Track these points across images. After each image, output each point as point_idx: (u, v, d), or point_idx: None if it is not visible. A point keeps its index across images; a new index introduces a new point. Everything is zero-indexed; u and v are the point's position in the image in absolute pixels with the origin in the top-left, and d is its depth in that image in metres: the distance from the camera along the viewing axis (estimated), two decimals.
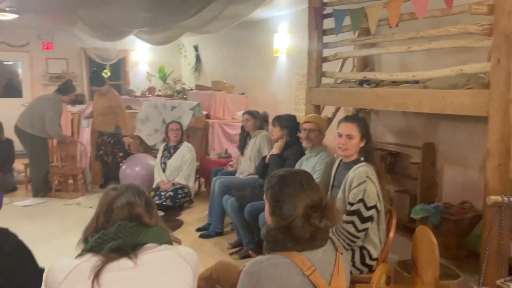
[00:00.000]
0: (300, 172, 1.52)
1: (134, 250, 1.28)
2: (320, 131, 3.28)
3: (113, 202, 1.38)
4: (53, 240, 3.83)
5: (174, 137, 4.88)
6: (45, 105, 5.32)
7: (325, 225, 1.37)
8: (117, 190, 1.43)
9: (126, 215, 1.35)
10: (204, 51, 8.79)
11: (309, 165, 3.21)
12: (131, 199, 1.39)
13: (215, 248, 3.76)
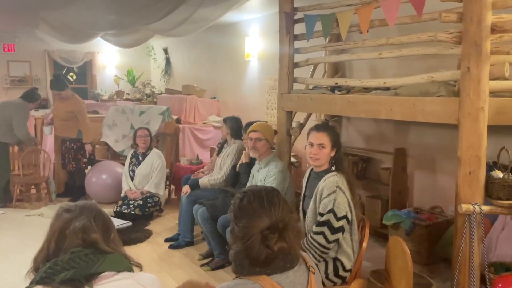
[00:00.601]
0: (265, 188, 1.42)
1: (89, 280, 1.17)
2: (267, 140, 3.26)
3: (66, 227, 1.26)
4: (12, 255, 3.61)
5: (142, 143, 4.73)
6: (11, 112, 5.16)
7: (279, 248, 1.28)
8: (71, 213, 1.30)
9: (80, 242, 1.23)
10: (174, 54, 8.63)
11: (260, 177, 3.21)
12: (86, 224, 1.27)
13: (186, 260, 3.64)
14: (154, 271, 3.34)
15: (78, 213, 1.30)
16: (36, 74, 8.57)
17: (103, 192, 5.14)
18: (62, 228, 1.26)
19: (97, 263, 1.20)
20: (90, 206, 1.35)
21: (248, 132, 3.29)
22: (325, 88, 3.51)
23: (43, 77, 8.62)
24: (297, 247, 1.34)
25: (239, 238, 1.31)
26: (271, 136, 3.31)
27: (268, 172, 3.15)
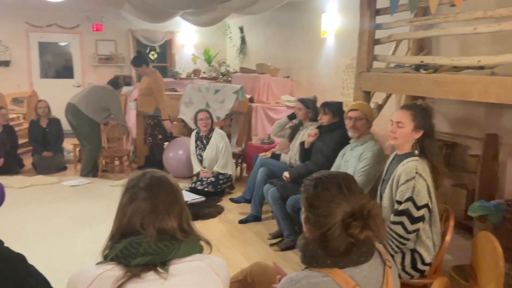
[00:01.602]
0: (340, 174, 1.33)
1: (164, 265, 1.17)
2: (367, 119, 3.04)
3: (140, 211, 1.22)
4: (97, 223, 3.88)
5: (204, 126, 4.78)
6: (109, 99, 5.53)
7: (365, 236, 1.19)
8: (146, 192, 1.24)
9: (156, 229, 1.20)
10: (250, 32, 8.61)
11: (355, 154, 3.00)
12: (162, 211, 1.22)
13: (256, 238, 3.66)
14: (225, 247, 3.41)
15: (153, 195, 1.24)
16: (121, 53, 9.06)
17: (179, 167, 5.34)
18: (135, 209, 1.22)
19: (173, 251, 1.18)
20: (166, 187, 1.29)
21: (347, 111, 3.14)
22: (408, 67, 3.25)
23: (127, 56, 9.09)
24: (382, 236, 1.24)
25: (317, 227, 1.24)
26: (371, 116, 3.09)
27: (365, 149, 2.93)
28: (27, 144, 6.18)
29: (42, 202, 4.50)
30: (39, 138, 5.84)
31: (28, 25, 8.38)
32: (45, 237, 3.54)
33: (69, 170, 5.91)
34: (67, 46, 9.06)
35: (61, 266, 2.96)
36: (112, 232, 1.25)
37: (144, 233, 1.19)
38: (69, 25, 8.66)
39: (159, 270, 1.15)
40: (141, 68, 5.50)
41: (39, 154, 5.73)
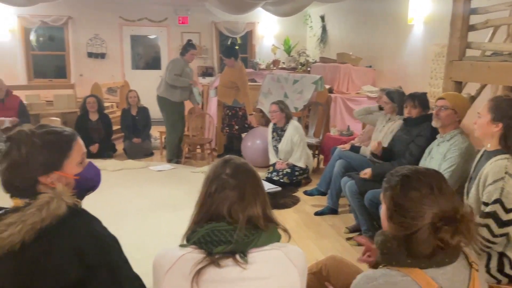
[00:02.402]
0: (431, 172, 1.23)
1: (245, 254, 1.19)
2: (455, 110, 2.77)
3: (231, 203, 1.24)
4: (179, 208, 4.10)
5: (273, 119, 4.79)
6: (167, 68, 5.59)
7: (457, 242, 1.11)
8: (233, 179, 1.26)
9: (240, 216, 1.22)
10: (331, 21, 8.42)
11: (440, 151, 2.78)
12: (247, 199, 1.23)
13: (332, 231, 3.61)
14: (300, 238, 3.42)
15: (240, 183, 1.26)
16: (205, 45, 9.39)
17: (257, 157, 5.43)
18: (224, 198, 1.24)
19: (253, 240, 1.20)
20: (251, 174, 1.29)
21: (436, 100, 2.96)
22: (507, 55, 2.96)
23: (210, 47, 9.41)
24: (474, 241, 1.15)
25: (402, 228, 1.17)
26: (461, 108, 2.78)
27: (452, 146, 2.70)
28: (119, 130, 6.69)
29: (131, 185, 4.86)
30: (129, 126, 6.29)
31: (122, 20, 9.02)
32: (133, 217, 3.82)
33: (156, 156, 6.29)
34: (155, 39, 9.61)
35: (147, 245, 3.18)
36: (198, 217, 1.27)
37: (228, 220, 1.21)
38: (158, 19, 9.15)
39: (238, 259, 1.17)
40: (230, 59, 5.54)
41: (130, 140, 6.17)
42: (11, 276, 1.15)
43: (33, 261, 1.15)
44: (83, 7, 8.59)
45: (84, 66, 8.97)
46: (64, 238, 1.18)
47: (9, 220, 1.13)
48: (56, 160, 1.27)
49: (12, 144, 1.23)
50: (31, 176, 1.23)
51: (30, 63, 8.89)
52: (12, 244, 1.11)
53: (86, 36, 8.91)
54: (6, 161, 1.22)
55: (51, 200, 1.17)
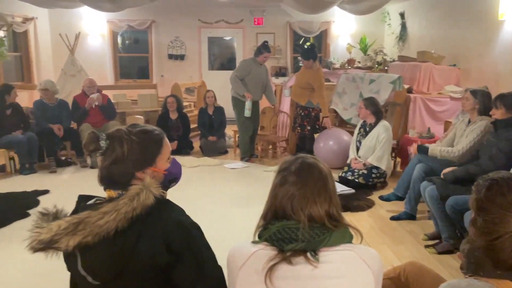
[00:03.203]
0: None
1: (316, 253, 1.19)
2: None
3: (293, 197, 1.24)
4: (252, 205, 4.18)
5: (360, 115, 4.69)
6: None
7: None
8: (299, 177, 1.26)
9: (307, 215, 1.22)
10: (411, 18, 8.05)
11: None
12: (310, 200, 1.23)
13: (409, 237, 3.46)
14: (375, 242, 3.32)
15: (302, 181, 1.26)
16: (279, 45, 9.46)
17: (329, 158, 5.35)
18: (285, 193, 1.25)
19: (324, 240, 1.20)
20: (316, 173, 1.28)
21: None
22: None
23: (284, 47, 9.46)
24: None
25: (484, 234, 1.12)
26: None
27: None
28: (196, 129, 6.98)
29: (207, 181, 5.05)
30: (206, 124, 6.53)
31: (200, 22, 9.39)
32: (208, 212, 3.98)
33: (230, 154, 6.47)
34: (231, 40, 9.87)
35: (222, 240, 3.28)
36: (265, 211, 1.30)
37: (295, 218, 1.22)
38: (234, 20, 9.39)
39: (309, 257, 1.18)
40: (309, 61, 5.53)
41: (206, 138, 6.41)
42: (106, 260, 1.26)
43: (125, 247, 1.25)
44: (165, 11, 9.07)
45: (165, 67, 9.48)
46: (152, 226, 1.27)
47: (104, 209, 1.24)
48: (151, 156, 1.38)
49: (114, 142, 1.34)
50: (130, 171, 1.34)
51: (117, 65, 9.58)
52: (108, 230, 1.22)
53: (167, 39, 9.41)
54: (110, 157, 1.34)
55: (140, 191, 1.27)
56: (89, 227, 1.21)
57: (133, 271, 1.27)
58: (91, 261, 1.27)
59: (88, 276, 1.29)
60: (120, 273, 1.27)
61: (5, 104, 5.29)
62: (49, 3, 6.96)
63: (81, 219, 1.23)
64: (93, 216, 1.23)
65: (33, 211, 4.03)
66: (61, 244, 1.21)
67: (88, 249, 1.24)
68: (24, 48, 8.22)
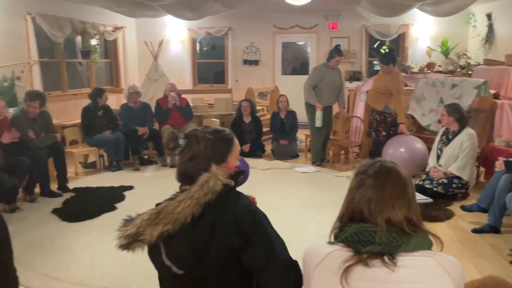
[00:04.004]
0: None
1: (393, 257, 1.18)
2: None
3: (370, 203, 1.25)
4: (323, 207, 4.18)
5: (442, 122, 4.45)
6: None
7: None
8: (377, 180, 1.27)
9: (385, 220, 1.22)
10: (499, 19, 7.50)
11: None
12: (389, 204, 1.23)
13: (491, 251, 3.25)
14: (454, 255, 3.12)
15: (380, 184, 1.26)
16: (353, 49, 9.31)
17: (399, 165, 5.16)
18: (362, 196, 1.26)
19: (402, 244, 1.19)
20: (395, 178, 1.27)
21: None
22: None
23: (359, 51, 9.29)
24: None
25: None
26: None
27: None
28: (268, 132, 7.10)
29: (278, 184, 5.13)
30: (278, 128, 6.63)
31: (275, 28, 9.54)
32: (279, 213, 4.02)
33: (301, 158, 6.50)
34: (304, 45, 9.90)
35: (292, 241, 3.33)
36: (341, 213, 1.32)
37: (372, 221, 1.23)
38: (308, 25, 9.42)
39: (386, 261, 1.18)
40: (388, 66, 5.40)
41: (277, 142, 6.51)
42: (188, 247, 1.38)
43: (203, 234, 1.36)
44: (242, 18, 9.36)
45: (239, 72, 9.76)
46: (224, 212, 1.38)
47: (179, 198, 1.37)
48: (225, 154, 1.50)
49: (192, 140, 1.47)
50: (206, 167, 1.46)
51: (196, 70, 10.05)
52: (185, 217, 1.34)
53: (243, 45, 9.68)
54: (188, 154, 1.47)
55: (209, 179, 1.39)
56: (168, 215, 1.34)
57: (212, 257, 1.37)
58: (174, 250, 1.40)
59: (173, 266, 1.41)
60: (201, 260, 1.38)
61: (97, 106, 5.80)
62: (137, 13, 7.52)
63: (160, 209, 1.37)
64: (171, 205, 1.36)
65: (120, 205, 4.39)
66: (145, 236, 1.34)
67: (170, 239, 1.36)
68: (114, 55, 8.95)
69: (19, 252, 1.51)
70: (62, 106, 7.10)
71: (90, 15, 7.77)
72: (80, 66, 8.30)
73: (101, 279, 2.91)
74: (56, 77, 7.40)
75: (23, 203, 4.42)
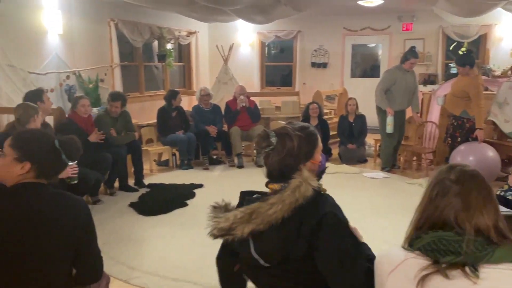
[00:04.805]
0: None
1: (476, 269, 1.13)
2: None
3: (456, 211, 1.20)
4: (393, 214, 4.05)
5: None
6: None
7: None
8: (457, 184, 1.22)
9: (468, 226, 1.17)
10: None
11: None
12: (476, 211, 1.18)
13: None
14: None
15: (465, 190, 1.21)
16: (428, 51, 8.89)
17: None
18: (447, 204, 1.22)
19: (486, 255, 1.13)
20: (479, 182, 1.23)
21: None
22: None
23: (434, 53, 8.85)
24: None
25: None
26: None
27: None
28: (335, 136, 7.01)
29: (345, 189, 5.04)
30: (346, 132, 6.52)
31: (345, 30, 9.39)
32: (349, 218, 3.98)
33: (369, 163, 6.34)
34: (375, 47, 9.64)
35: None
36: (419, 221, 1.27)
37: (456, 230, 1.18)
38: (380, 27, 9.15)
39: (468, 272, 1.12)
40: (465, 68, 5.11)
41: (345, 146, 6.40)
42: (276, 245, 1.43)
43: (290, 234, 1.41)
44: (311, 21, 9.32)
45: (307, 75, 9.73)
46: (311, 213, 1.40)
47: (272, 201, 1.40)
48: (312, 150, 1.52)
49: (284, 138, 1.49)
50: (297, 164, 1.49)
51: (264, 73, 10.18)
52: (276, 219, 1.38)
53: (311, 47, 9.65)
54: (282, 152, 1.48)
55: (300, 184, 1.41)
56: (261, 216, 1.39)
57: (296, 255, 1.41)
58: (262, 246, 1.45)
59: (260, 259, 1.46)
60: (286, 257, 1.42)
61: (171, 107, 6.10)
62: (209, 18, 7.80)
63: (253, 209, 1.41)
64: (264, 207, 1.40)
65: (190, 202, 4.58)
66: (237, 232, 1.40)
67: (259, 235, 1.41)
68: (187, 58, 9.35)
69: (100, 241, 1.65)
70: (139, 106, 7.56)
71: (166, 21, 8.19)
72: (156, 69, 8.78)
73: (173, 271, 3.06)
74: (134, 79, 7.89)
75: (104, 196, 4.77)
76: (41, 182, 1.61)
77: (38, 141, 1.62)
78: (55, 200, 1.59)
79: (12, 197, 1.56)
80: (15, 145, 1.59)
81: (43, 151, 1.60)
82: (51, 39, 5.77)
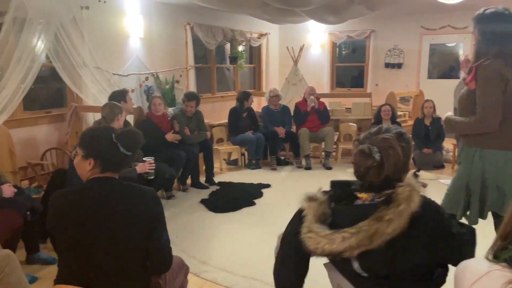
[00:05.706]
0: None
1: None
2: None
3: None
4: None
5: None
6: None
7: None
8: None
9: None
10: None
11: None
12: None
13: None
14: None
15: None
16: None
17: None
18: None
19: None
20: None
21: None
22: None
23: None
24: None
25: None
26: None
27: None
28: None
29: None
30: (421, 135, 6.21)
31: (423, 29, 8.94)
32: None
33: (446, 169, 5.98)
34: (455, 47, 9.07)
35: None
36: (505, 232, 1.20)
37: None
38: (462, 25, 8.60)
39: None
40: None
41: (420, 150, 6.09)
42: (382, 261, 1.40)
43: (398, 248, 1.37)
44: (385, 20, 9.01)
45: (380, 76, 9.41)
46: (427, 224, 1.40)
47: (388, 217, 1.35)
48: (410, 155, 1.53)
49: (388, 152, 1.44)
50: (401, 175, 1.48)
51: (334, 74, 10.02)
52: (392, 235, 1.34)
53: (385, 48, 9.31)
54: (390, 168, 1.43)
55: (410, 193, 1.38)
56: (383, 236, 1.35)
57: (406, 268, 1.40)
58: (369, 262, 1.43)
59: (363, 273, 1.46)
60: (394, 272, 1.41)
61: (243, 108, 6.22)
62: (281, 20, 7.84)
63: (373, 232, 1.35)
64: (381, 227, 1.35)
65: (258, 201, 4.63)
66: (346, 254, 1.38)
67: (365, 252, 1.37)
68: (257, 60, 9.48)
69: (173, 234, 1.71)
70: (211, 107, 7.81)
71: (238, 24, 8.37)
72: (227, 70, 9.01)
73: (241, 268, 3.12)
74: (207, 80, 8.16)
75: (177, 191, 4.99)
76: (109, 176, 1.71)
77: (97, 138, 1.72)
78: (124, 192, 1.68)
79: (84, 192, 1.68)
80: (81, 144, 1.73)
81: (102, 146, 1.70)
82: (133, 42, 6.16)
